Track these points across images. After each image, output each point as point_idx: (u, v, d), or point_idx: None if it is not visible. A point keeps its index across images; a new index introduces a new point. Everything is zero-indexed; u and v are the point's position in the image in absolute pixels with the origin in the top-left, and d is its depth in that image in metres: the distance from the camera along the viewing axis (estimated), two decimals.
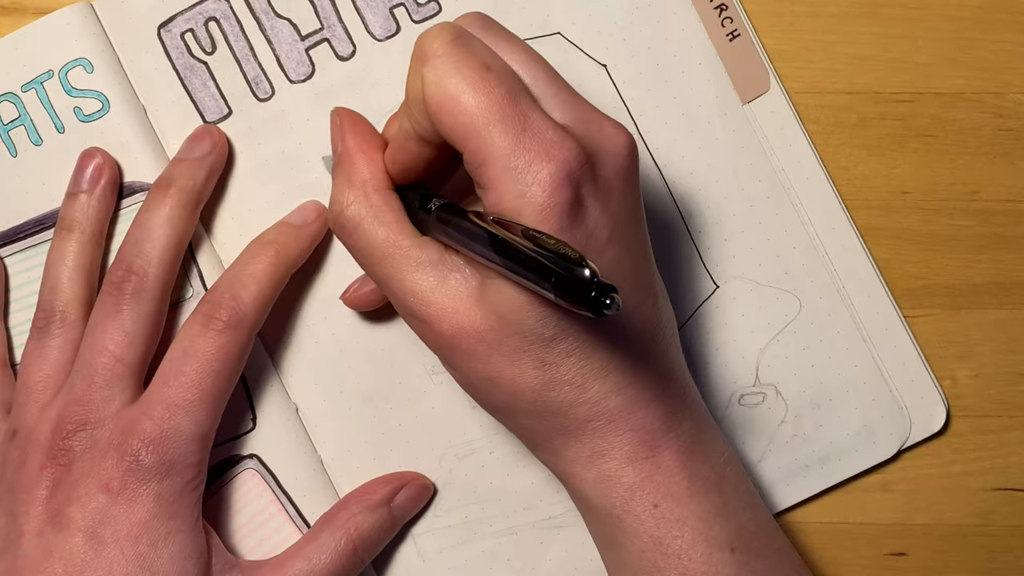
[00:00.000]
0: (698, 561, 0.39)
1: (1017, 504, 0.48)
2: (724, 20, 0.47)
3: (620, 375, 0.39)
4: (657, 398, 0.40)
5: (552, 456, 0.41)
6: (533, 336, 0.38)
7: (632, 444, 0.39)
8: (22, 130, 0.47)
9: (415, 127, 0.39)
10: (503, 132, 0.36)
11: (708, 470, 0.40)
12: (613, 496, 0.40)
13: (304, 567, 0.44)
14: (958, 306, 0.48)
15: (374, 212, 0.40)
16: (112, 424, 0.42)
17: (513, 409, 0.40)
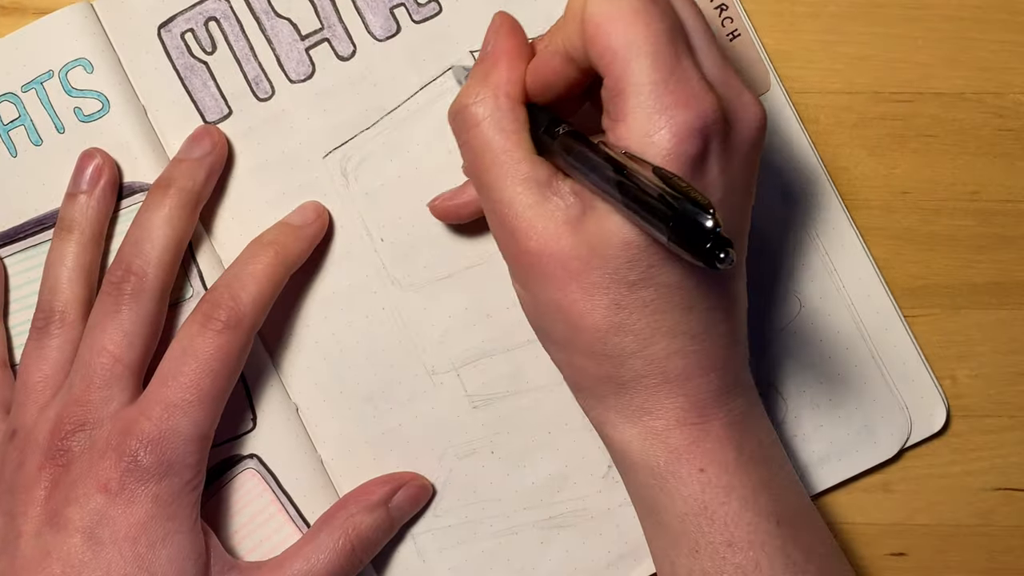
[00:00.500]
0: (744, 529, 0.39)
1: (1017, 504, 0.48)
2: (724, 20, 0.47)
3: (689, 339, 0.39)
4: (717, 370, 0.40)
5: (597, 403, 0.40)
6: (618, 276, 0.37)
7: (684, 408, 0.39)
8: (22, 130, 0.47)
9: (566, 44, 0.38)
10: (652, 67, 0.36)
11: (755, 445, 0.40)
12: (658, 455, 0.40)
13: (303, 567, 0.44)
14: (958, 306, 0.48)
15: (499, 115, 0.40)
16: (111, 424, 0.42)
17: (571, 344, 0.39)
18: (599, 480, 0.47)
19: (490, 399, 0.47)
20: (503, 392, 0.47)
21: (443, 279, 0.47)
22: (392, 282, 0.47)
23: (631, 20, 0.36)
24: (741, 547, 0.39)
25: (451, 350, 0.47)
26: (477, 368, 0.47)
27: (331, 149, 0.47)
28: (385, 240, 0.47)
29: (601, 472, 0.47)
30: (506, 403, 0.47)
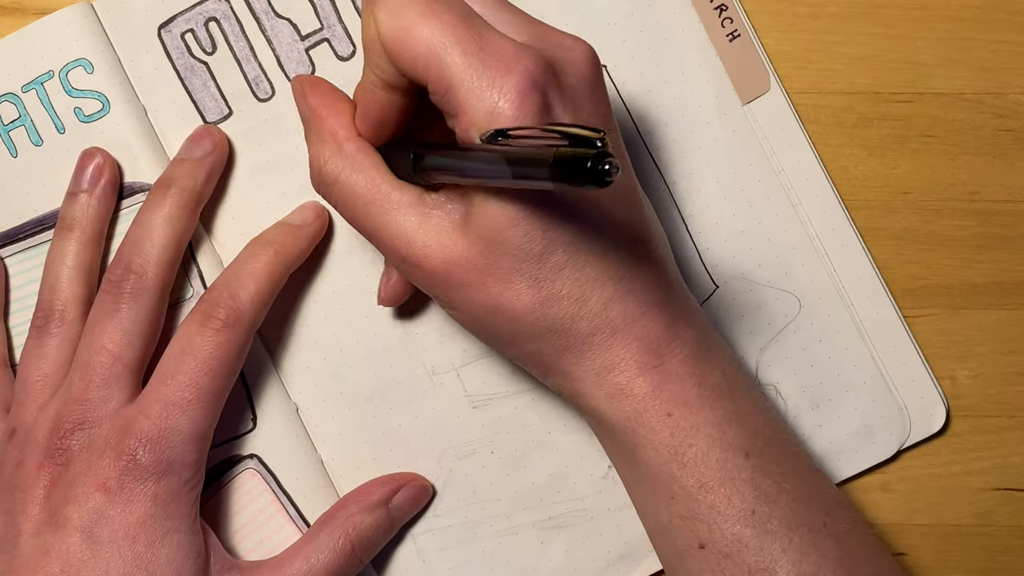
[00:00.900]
0: (713, 467, 0.39)
1: (1017, 504, 0.48)
2: (724, 20, 0.47)
3: (617, 283, 0.39)
4: (658, 303, 0.40)
5: (564, 380, 0.41)
6: (523, 253, 0.37)
7: (640, 352, 0.39)
8: (22, 130, 0.47)
9: (378, 74, 0.39)
10: (462, 53, 0.36)
11: (719, 375, 0.40)
12: (627, 410, 0.40)
13: (302, 567, 0.44)
14: (958, 306, 0.48)
15: (350, 162, 0.40)
16: (110, 423, 0.42)
17: (517, 336, 0.40)
18: (599, 480, 0.47)
19: (490, 399, 0.47)
20: (503, 392, 0.47)
21: None
22: None
23: (423, 22, 0.37)
24: (712, 487, 0.39)
25: (451, 350, 0.47)
26: (477, 368, 0.47)
27: None
28: None
29: (601, 472, 0.47)
30: (506, 403, 0.47)
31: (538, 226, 0.37)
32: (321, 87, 0.43)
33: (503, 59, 0.36)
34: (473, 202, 0.38)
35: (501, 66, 0.36)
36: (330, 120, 0.41)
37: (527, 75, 0.36)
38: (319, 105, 0.42)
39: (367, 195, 0.40)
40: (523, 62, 0.36)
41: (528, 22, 0.39)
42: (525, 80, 0.36)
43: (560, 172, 0.31)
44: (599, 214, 0.38)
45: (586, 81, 0.39)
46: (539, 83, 0.36)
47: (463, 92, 0.36)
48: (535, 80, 0.36)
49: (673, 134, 0.47)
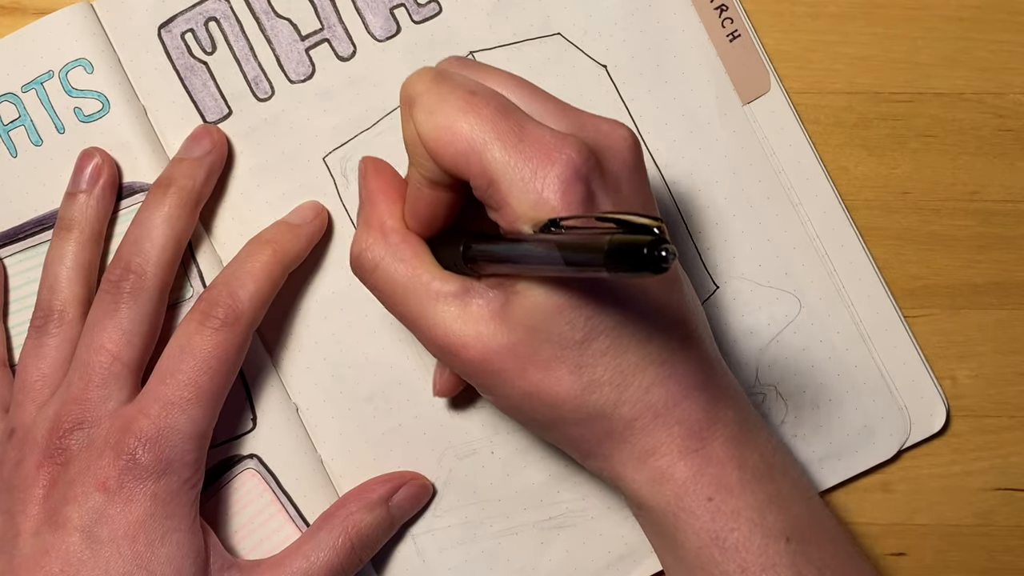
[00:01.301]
0: (755, 553, 0.39)
1: (1017, 504, 0.48)
2: (724, 20, 0.48)
3: (659, 367, 0.38)
4: (699, 386, 0.39)
5: (604, 463, 0.40)
6: (564, 341, 0.37)
7: (681, 436, 0.39)
8: (22, 130, 0.47)
9: (423, 172, 0.39)
10: (502, 147, 0.36)
11: (757, 458, 0.40)
12: (667, 494, 0.39)
13: (302, 566, 0.44)
14: (958, 306, 0.48)
15: (392, 251, 0.40)
16: (109, 423, 0.42)
17: (557, 421, 0.39)
18: (599, 480, 0.47)
19: None
20: None
21: None
22: None
23: (462, 118, 0.37)
24: (753, 572, 0.39)
25: None
26: None
27: (331, 149, 0.47)
28: None
29: None
30: None
31: (582, 313, 0.37)
32: (383, 173, 0.42)
33: (544, 149, 0.36)
34: (515, 290, 0.38)
35: (543, 156, 0.36)
36: (381, 207, 0.41)
37: (570, 164, 0.36)
38: (375, 190, 0.41)
39: (407, 284, 0.39)
40: (565, 151, 0.36)
41: (565, 110, 0.39)
42: (568, 169, 0.36)
43: (615, 260, 0.31)
44: (642, 298, 0.38)
45: (627, 165, 0.38)
46: (582, 172, 0.36)
47: (506, 185, 0.36)
48: (578, 169, 0.36)
49: (673, 134, 0.47)
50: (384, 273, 0.40)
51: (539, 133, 0.37)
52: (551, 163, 0.36)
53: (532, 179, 0.36)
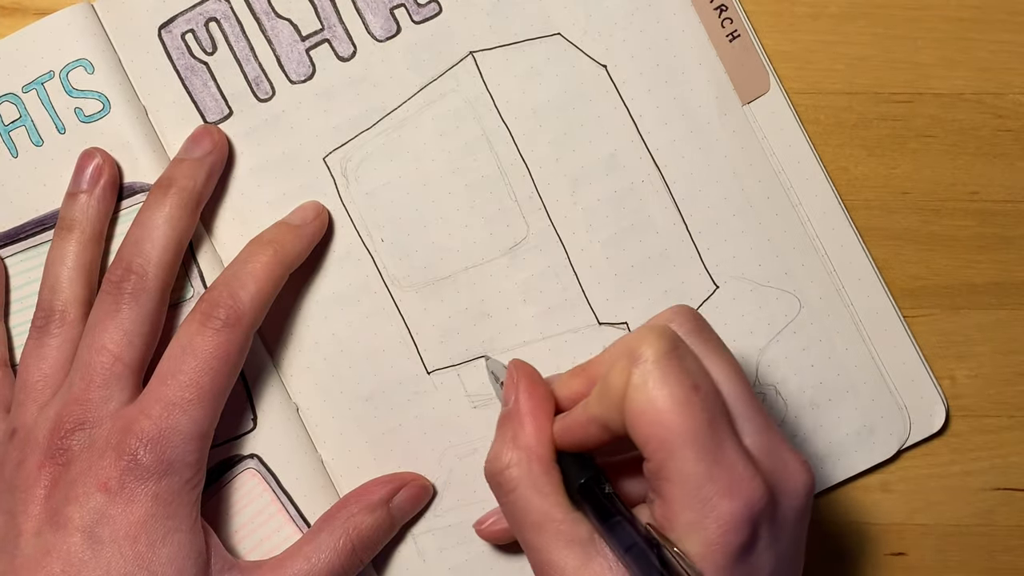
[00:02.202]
0: None
1: (1017, 504, 0.48)
2: (724, 20, 0.48)
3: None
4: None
5: None
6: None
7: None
8: (23, 131, 0.47)
9: (603, 416, 0.38)
10: (696, 457, 0.36)
11: None
12: None
13: (303, 567, 0.44)
14: (958, 306, 0.48)
15: (532, 480, 0.40)
16: (110, 423, 0.42)
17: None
18: None
19: (490, 399, 0.47)
20: None
21: (443, 279, 0.47)
22: (392, 282, 0.47)
23: (676, 411, 0.36)
24: None
25: (451, 350, 0.47)
26: (477, 368, 0.47)
27: (331, 149, 0.47)
28: (385, 240, 0.47)
29: None
30: None
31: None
32: (537, 391, 0.41)
33: (732, 479, 0.36)
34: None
35: (728, 486, 0.36)
36: (530, 429, 0.40)
37: (748, 506, 0.36)
38: (526, 408, 0.41)
39: (538, 518, 0.39)
40: (750, 490, 0.36)
41: (766, 428, 0.39)
42: (744, 511, 0.36)
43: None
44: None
45: (797, 512, 0.38)
46: (755, 517, 0.36)
47: (679, 490, 0.36)
48: (753, 513, 0.36)
49: (673, 134, 0.47)
50: (520, 498, 0.40)
51: (734, 459, 0.37)
52: (731, 496, 0.36)
53: (706, 501, 0.36)
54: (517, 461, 0.40)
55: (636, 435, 0.37)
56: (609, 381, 0.38)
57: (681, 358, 0.38)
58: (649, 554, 0.37)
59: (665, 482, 0.37)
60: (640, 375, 0.37)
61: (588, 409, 0.39)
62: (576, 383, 0.41)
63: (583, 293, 0.47)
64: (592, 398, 0.39)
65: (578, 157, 0.47)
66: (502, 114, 0.47)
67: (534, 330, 0.47)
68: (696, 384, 0.37)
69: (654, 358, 0.37)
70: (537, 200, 0.47)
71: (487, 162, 0.47)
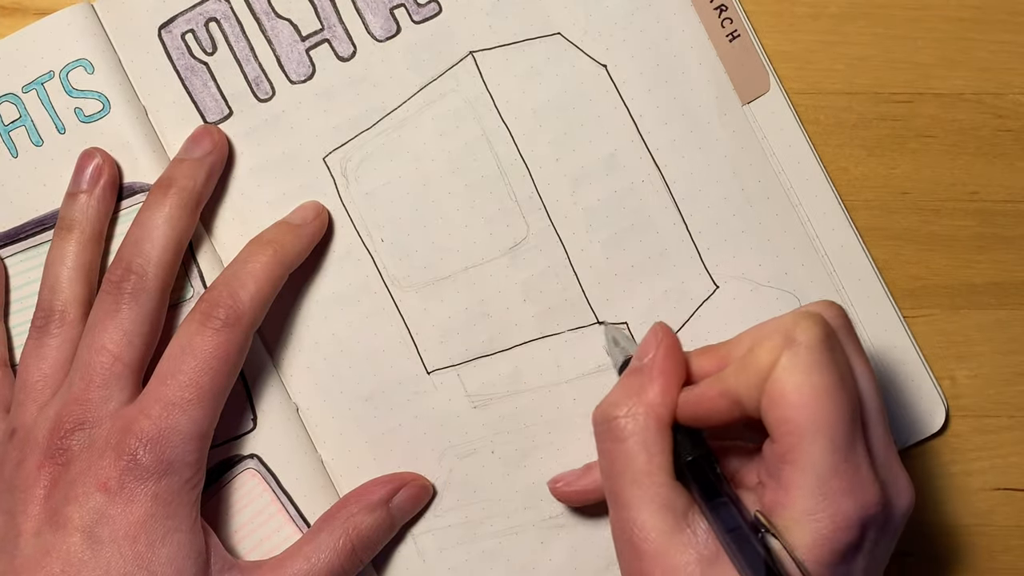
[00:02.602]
0: None
1: (1017, 504, 0.48)
2: (724, 20, 0.48)
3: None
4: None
5: None
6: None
7: None
8: (23, 131, 0.47)
9: (738, 391, 0.38)
10: (828, 450, 0.36)
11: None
12: None
13: (303, 567, 0.44)
14: (958, 306, 0.48)
15: (646, 435, 0.39)
16: (110, 423, 0.42)
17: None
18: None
19: (490, 399, 0.47)
20: (503, 392, 0.47)
21: (443, 279, 0.47)
22: (392, 282, 0.47)
23: (818, 398, 0.36)
24: None
25: (451, 350, 0.47)
26: (477, 368, 0.47)
27: (331, 149, 0.47)
28: (385, 240, 0.47)
29: None
30: (506, 403, 0.47)
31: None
32: (675, 355, 0.41)
33: (857, 480, 0.37)
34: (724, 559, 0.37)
35: (851, 485, 0.36)
36: (658, 387, 0.40)
37: (865, 508, 0.37)
38: (662, 371, 0.40)
39: (640, 474, 0.39)
40: (869, 494, 0.37)
41: (888, 442, 0.39)
42: (860, 514, 0.36)
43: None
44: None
45: (896, 529, 0.39)
46: (867, 522, 0.37)
47: (800, 479, 0.37)
48: (867, 516, 0.37)
49: (673, 134, 0.47)
50: (627, 449, 0.40)
51: (861, 461, 0.37)
52: (851, 496, 0.36)
53: (827, 495, 0.36)
54: (635, 413, 0.40)
55: (772, 415, 0.37)
56: (754, 357, 0.38)
57: (833, 349, 0.38)
58: (753, 539, 0.37)
59: (789, 467, 0.37)
60: (791, 357, 0.37)
61: (723, 382, 0.39)
62: (706, 361, 0.41)
63: (583, 293, 0.47)
64: (729, 372, 0.39)
65: (578, 157, 0.47)
66: (502, 114, 0.47)
67: (534, 330, 0.47)
68: (843, 378, 0.37)
69: (808, 343, 0.37)
70: (537, 200, 0.47)
71: (487, 162, 0.47)
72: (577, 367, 0.47)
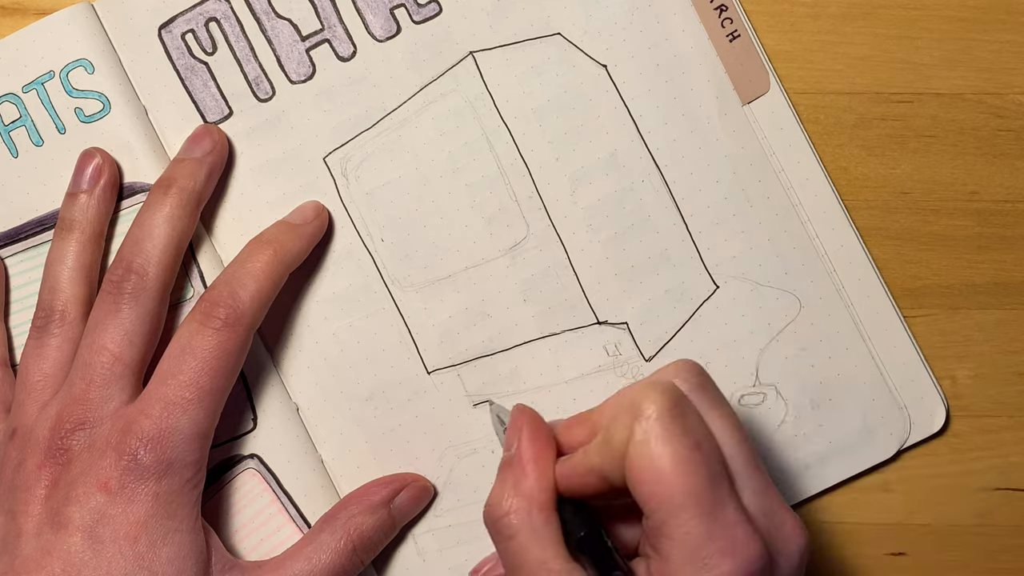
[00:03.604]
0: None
1: (1017, 504, 0.48)
2: (724, 20, 0.48)
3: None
4: None
5: None
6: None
7: None
8: (23, 131, 0.47)
9: (604, 468, 0.38)
10: (695, 516, 0.36)
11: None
12: None
13: (304, 567, 0.44)
14: (957, 306, 0.48)
15: (532, 528, 0.39)
16: (110, 423, 0.42)
17: None
18: None
19: (490, 399, 0.47)
20: (503, 392, 0.47)
21: (443, 279, 0.47)
22: (392, 282, 0.47)
23: (676, 470, 0.36)
24: None
25: (451, 350, 0.47)
26: (477, 368, 0.47)
27: (332, 149, 0.47)
28: (385, 240, 0.47)
29: None
30: (506, 403, 0.47)
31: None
32: (539, 437, 0.41)
33: (732, 539, 0.36)
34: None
35: (726, 547, 0.36)
36: (532, 475, 0.40)
37: (746, 566, 0.36)
38: (528, 455, 0.41)
39: (534, 567, 0.39)
40: (748, 551, 0.36)
41: (764, 489, 0.39)
42: (743, 571, 0.36)
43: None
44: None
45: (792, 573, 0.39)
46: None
47: (678, 549, 0.36)
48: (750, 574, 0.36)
49: (673, 134, 0.47)
50: (518, 545, 0.39)
51: (734, 519, 0.37)
52: (730, 557, 0.36)
53: (705, 561, 0.36)
54: (517, 508, 0.40)
55: (637, 492, 0.37)
56: (611, 434, 0.38)
57: (684, 415, 0.38)
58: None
59: (665, 540, 0.37)
60: (642, 431, 0.37)
61: (588, 459, 0.39)
62: (578, 431, 0.41)
63: (583, 293, 0.47)
64: (593, 448, 0.39)
65: (578, 157, 0.47)
66: (502, 114, 0.47)
67: (534, 330, 0.47)
68: (698, 442, 0.37)
69: (656, 415, 0.37)
70: (537, 200, 0.47)
71: (487, 162, 0.47)
72: (577, 367, 0.47)
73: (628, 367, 0.47)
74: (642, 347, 0.47)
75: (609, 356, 0.47)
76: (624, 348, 0.47)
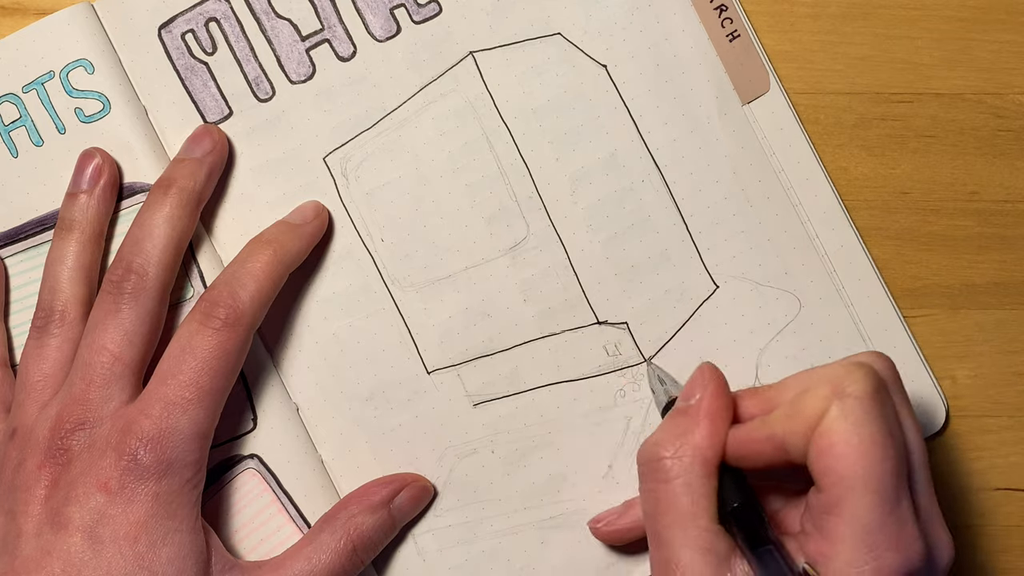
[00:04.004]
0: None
1: (1017, 504, 0.48)
2: (724, 20, 0.48)
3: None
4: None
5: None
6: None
7: None
8: (23, 131, 0.47)
9: (785, 437, 0.38)
10: (875, 504, 0.36)
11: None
12: None
13: (304, 567, 0.44)
14: (958, 306, 0.48)
15: (691, 478, 0.39)
16: (110, 423, 0.42)
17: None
18: (599, 480, 0.47)
19: (490, 399, 0.47)
20: (503, 392, 0.47)
21: (443, 279, 0.47)
22: (392, 282, 0.47)
23: (867, 451, 0.36)
24: None
25: (451, 350, 0.47)
26: (477, 368, 0.47)
27: (332, 149, 0.47)
28: (385, 240, 0.47)
29: (601, 472, 0.47)
30: (506, 403, 0.47)
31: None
32: (722, 396, 0.40)
33: (901, 535, 0.36)
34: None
35: (895, 540, 0.36)
36: (706, 429, 0.40)
37: (909, 565, 0.36)
38: (708, 411, 0.40)
39: (683, 515, 0.39)
40: (913, 550, 0.37)
41: (931, 496, 0.39)
42: (905, 567, 0.36)
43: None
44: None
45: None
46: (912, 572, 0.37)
47: (844, 532, 0.36)
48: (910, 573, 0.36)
49: (673, 134, 0.47)
50: (671, 490, 0.39)
51: (907, 515, 0.37)
52: (897, 551, 0.36)
53: (871, 550, 0.36)
54: (682, 455, 0.39)
55: (820, 465, 0.37)
56: (802, 405, 0.38)
57: (885, 402, 0.38)
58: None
59: (835, 518, 0.37)
60: (841, 408, 0.37)
61: (769, 426, 0.39)
62: (752, 404, 0.41)
63: (583, 293, 0.47)
64: (776, 417, 0.39)
65: (578, 157, 0.47)
66: (502, 114, 0.47)
67: (534, 330, 0.47)
68: (892, 431, 0.37)
69: (859, 395, 0.37)
70: (537, 200, 0.47)
71: (487, 162, 0.47)
72: (577, 367, 0.47)
73: (628, 367, 0.47)
74: (642, 347, 0.47)
75: (609, 356, 0.47)
76: (624, 348, 0.47)
